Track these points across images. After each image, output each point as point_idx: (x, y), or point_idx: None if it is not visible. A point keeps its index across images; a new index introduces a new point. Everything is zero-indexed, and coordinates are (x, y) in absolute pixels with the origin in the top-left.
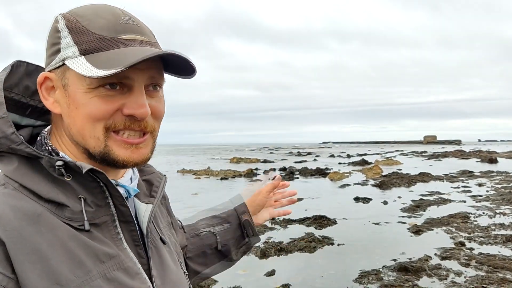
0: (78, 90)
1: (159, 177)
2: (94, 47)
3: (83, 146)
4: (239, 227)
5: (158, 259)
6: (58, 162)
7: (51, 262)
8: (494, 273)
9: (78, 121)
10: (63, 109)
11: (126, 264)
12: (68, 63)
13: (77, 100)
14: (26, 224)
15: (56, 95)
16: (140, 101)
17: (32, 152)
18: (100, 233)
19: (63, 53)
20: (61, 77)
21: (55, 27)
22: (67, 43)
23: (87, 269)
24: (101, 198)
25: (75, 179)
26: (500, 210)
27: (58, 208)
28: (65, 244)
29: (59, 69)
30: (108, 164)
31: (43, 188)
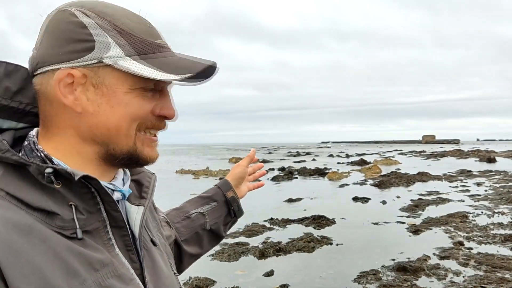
0: (118, 89)
1: (149, 177)
2: (140, 49)
3: (107, 146)
4: (225, 204)
5: (150, 263)
6: (48, 170)
7: (46, 274)
8: (492, 273)
9: (113, 120)
10: (88, 107)
11: (120, 270)
12: (113, 62)
13: (117, 100)
14: (17, 236)
15: (77, 93)
16: (171, 104)
17: (19, 160)
18: (92, 240)
19: (99, 52)
20: (92, 75)
21: (76, 22)
22: (106, 42)
23: (82, 279)
24: (92, 204)
25: (65, 186)
26: (499, 210)
27: (48, 216)
28: (58, 254)
29: (88, 67)
30: (131, 163)
31: (32, 197)
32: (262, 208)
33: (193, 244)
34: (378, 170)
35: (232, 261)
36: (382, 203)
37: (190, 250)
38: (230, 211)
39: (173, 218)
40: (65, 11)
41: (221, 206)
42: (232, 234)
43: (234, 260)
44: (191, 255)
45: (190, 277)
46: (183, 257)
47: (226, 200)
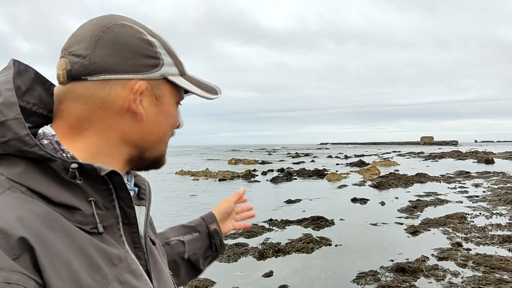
0: (169, 103)
1: (143, 180)
2: (181, 70)
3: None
4: (207, 236)
5: (153, 260)
6: (73, 165)
7: (74, 267)
8: (491, 274)
9: (164, 128)
10: (150, 116)
11: (132, 266)
12: (176, 80)
13: (169, 111)
14: (46, 229)
15: (143, 103)
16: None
17: (46, 155)
18: (108, 236)
19: (165, 69)
20: (156, 88)
21: (145, 40)
22: (168, 61)
23: (104, 273)
24: (109, 201)
25: (86, 182)
26: (497, 211)
27: (68, 211)
28: (82, 249)
29: (154, 81)
30: (154, 166)
31: (54, 192)
32: (261, 209)
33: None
34: (377, 171)
35: (231, 262)
36: (380, 204)
37: None
38: (212, 245)
39: None
40: (128, 27)
41: (203, 238)
42: (231, 235)
43: (233, 261)
44: None
45: None
46: None
47: (208, 232)
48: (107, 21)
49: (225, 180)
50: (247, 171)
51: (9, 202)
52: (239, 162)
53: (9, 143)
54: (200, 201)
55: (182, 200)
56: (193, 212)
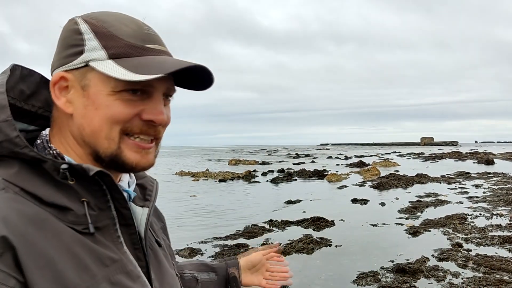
0: (101, 92)
1: (151, 181)
2: (123, 52)
3: (93, 148)
4: (224, 280)
5: (155, 262)
6: (63, 165)
7: (59, 266)
8: (491, 274)
9: (96, 122)
10: (77, 109)
11: (128, 267)
12: (95, 65)
13: (99, 102)
14: (32, 229)
15: (70, 95)
16: (159, 108)
17: (36, 156)
18: (102, 237)
19: (87, 55)
20: (81, 78)
21: (75, 29)
22: (93, 46)
23: (93, 273)
24: (103, 202)
25: (78, 182)
26: (497, 211)
27: (60, 212)
28: (70, 248)
29: (78, 70)
30: (115, 167)
31: (46, 192)
32: (262, 210)
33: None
34: (377, 172)
35: None
36: (381, 205)
37: None
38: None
39: None
40: (71, 20)
41: (219, 282)
42: (232, 236)
43: None
44: None
45: None
46: None
47: (227, 277)
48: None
49: (225, 180)
50: (247, 171)
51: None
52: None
53: (2, 145)
54: (200, 202)
55: (182, 201)
56: (194, 214)
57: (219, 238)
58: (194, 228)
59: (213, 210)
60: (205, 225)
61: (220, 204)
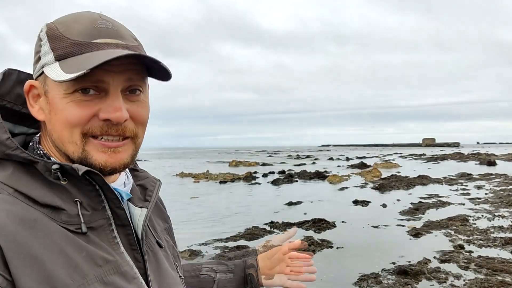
0: (56, 96)
1: (153, 182)
2: (68, 52)
3: (63, 152)
4: (243, 280)
5: (154, 263)
6: (54, 166)
7: (47, 266)
8: (493, 276)
9: (57, 126)
10: (45, 115)
11: (123, 268)
12: (45, 69)
13: (56, 106)
14: (22, 228)
15: (40, 102)
16: (116, 105)
17: (28, 157)
18: (97, 237)
19: (42, 60)
20: (42, 84)
21: (38, 36)
22: (45, 50)
23: (84, 273)
24: (97, 202)
25: (71, 183)
26: (499, 213)
27: (54, 212)
28: (61, 248)
29: (41, 77)
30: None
31: (39, 193)
32: (262, 212)
33: None
34: (378, 173)
35: None
36: (382, 206)
37: None
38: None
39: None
40: (41, 27)
41: (237, 281)
42: (232, 238)
43: None
44: None
45: None
46: None
47: (244, 277)
48: None
49: (226, 182)
50: (248, 173)
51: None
52: (240, 164)
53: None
54: (201, 204)
55: (183, 202)
56: (194, 215)
57: (220, 240)
58: (194, 230)
59: (214, 211)
60: (205, 227)
61: (220, 206)
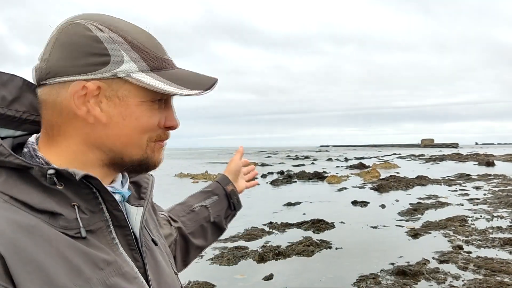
0: (130, 102)
1: (147, 178)
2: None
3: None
4: (226, 197)
5: (152, 262)
6: (50, 171)
7: (50, 272)
8: (492, 277)
9: (125, 131)
10: (101, 118)
11: (124, 269)
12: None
13: (128, 112)
14: (21, 236)
15: (90, 105)
16: (175, 115)
17: (22, 163)
18: (96, 240)
19: (114, 66)
20: (114, 88)
21: (92, 36)
22: (120, 56)
23: (87, 277)
24: (94, 204)
25: (67, 187)
26: (498, 213)
27: (51, 217)
28: (62, 254)
29: (109, 80)
30: (141, 170)
31: (35, 199)
32: (261, 212)
33: (198, 236)
34: (377, 174)
35: (231, 265)
36: (381, 207)
37: (196, 242)
38: (230, 204)
39: (178, 213)
40: (79, 25)
41: (222, 200)
42: (231, 238)
43: (233, 264)
44: (197, 247)
45: (189, 281)
46: (190, 249)
47: (226, 193)
48: (65, 22)
49: None
50: None
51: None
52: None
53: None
54: None
55: None
56: None
57: (219, 241)
58: None
59: None
60: None
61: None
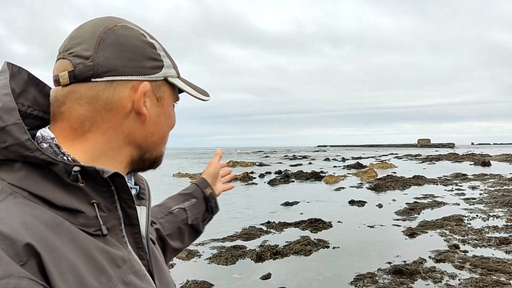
0: (170, 104)
1: (142, 179)
2: (178, 72)
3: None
4: (204, 200)
5: (154, 260)
6: (75, 168)
7: (80, 271)
8: (488, 276)
9: (164, 129)
10: (152, 117)
11: (136, 267)
12: (175, 81)
13: (169, 112)
14: (50, 234)
15: (147, 104)
16: None
17: (47, 159)
18: (111, 237)
19: (166, 71)
20: (156, 89)
21: (148, 42)
22: (168, 64)
23: (109, 275)
24: (110, 202)
25: (88, 184)
26: (494, 213)
27: (71, 215)
28: (86, 252)
29: (155, 82)
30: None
31: (56, 195)
32: (259, 212)
33: (176, 238)
34: (374, 174)
35: (229, 265)
36: (378, 207)
37: (173, 244)
38: (208, 208)
39: (156, 214)
40: (132, 29)
41: (200, 203)
42: (229, 238)
43: (231, 263)
44: (174, 249)
45: (187, 280)
46: (167, 251)
47: (204, 197)
48: (109, 23)
49: None
50: (245, 173)
51: (12, 208)
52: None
53: (10, 149)
54: None
55: None
56: None
57: (217, 240)
58: None
59: None
60: None
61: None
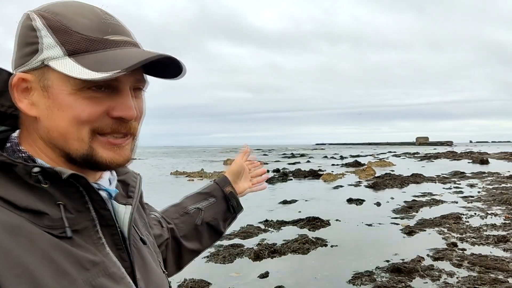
0: (62, 91)
1: (134, 177)
2: (81, 48)
3: (63, 149)
4: (224, 199)
5: (140, 261)
6: (35, 169)
7: (36, 274)
8: (486, 274)
9: (62, 123)
10: (41, 111)
11: (111, 269)
12: (53, 64)
13: (61, 102)
14: (5, 236)
15: (32, 97)
16: (129, 104)
17: (6, 160)
18: (82, 240)
19: (44, 54)
20: (40, 78)
21: (29, 25)
22: (49, 43)
23: (72, 278)
24: (81, 203)
25: (53, 186)
26: (492, 211)
27: (36, 216)
28: (47, 254)
29: (37, 70)
30: (90, 167)
31: (19, 197)
32: (257, 210)
33: (192, 239)
34: (372, 172)
35: (227, 263)
36: (376, 205)
37: (189, 245)
38: (229, 207)
39: (171, 214)
40: (26, 15)
41: (219, 202)
42: (227, 236)
43: (229, 262)
44: (191, 251)
45: (185, 279)
46: (183, 252)
47: (224, 195)
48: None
49: None
50: None
51: None
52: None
53: None
54: None
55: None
56: None
57: None
58: None
59: None
60: None
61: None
